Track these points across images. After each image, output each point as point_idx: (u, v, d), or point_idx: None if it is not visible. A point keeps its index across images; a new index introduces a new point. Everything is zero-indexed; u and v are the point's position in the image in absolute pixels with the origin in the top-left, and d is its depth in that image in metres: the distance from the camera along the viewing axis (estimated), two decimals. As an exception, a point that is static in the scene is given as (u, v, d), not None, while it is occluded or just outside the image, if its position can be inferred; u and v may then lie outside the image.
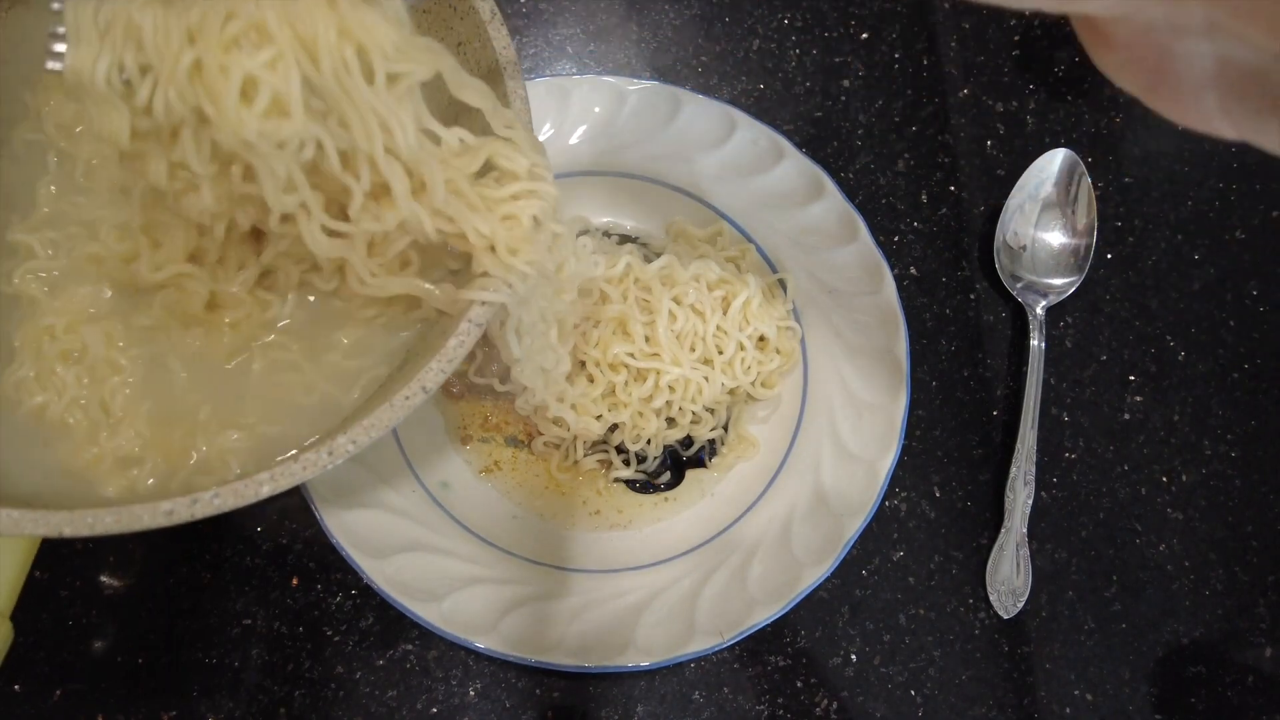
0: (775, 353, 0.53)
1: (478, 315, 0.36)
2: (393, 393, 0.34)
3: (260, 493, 0.31)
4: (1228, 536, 0.54)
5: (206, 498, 0.31)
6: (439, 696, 0.48)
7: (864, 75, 0.63)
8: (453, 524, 0.49)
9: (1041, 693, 0.50)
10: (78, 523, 0.30)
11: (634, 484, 0.52)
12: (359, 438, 0.33)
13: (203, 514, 0.31)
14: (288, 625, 0.49)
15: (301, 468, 0.32)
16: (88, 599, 0.48)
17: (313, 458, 0.32)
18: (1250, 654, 0.52)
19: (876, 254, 0.53)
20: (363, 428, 0.33)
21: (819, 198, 0.54)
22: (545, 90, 0.54)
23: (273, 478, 0.32)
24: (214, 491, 0.31)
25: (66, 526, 0.30)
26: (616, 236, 0.56)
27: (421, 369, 0.34)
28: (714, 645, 0.46)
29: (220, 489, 0.31)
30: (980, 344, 0.57)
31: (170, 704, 0.47)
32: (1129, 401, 0.57)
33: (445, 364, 0.34)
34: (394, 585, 0.45)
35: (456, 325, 0.35)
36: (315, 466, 0.32)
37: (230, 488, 0.31)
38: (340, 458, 0.32)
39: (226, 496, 0.31)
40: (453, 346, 0.35)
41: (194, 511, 0.31)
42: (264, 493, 0.31)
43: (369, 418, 0.33)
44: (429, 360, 0.35)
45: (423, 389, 0.34)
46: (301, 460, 0.32)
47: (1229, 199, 0.62)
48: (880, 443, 0.50)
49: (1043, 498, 0.54)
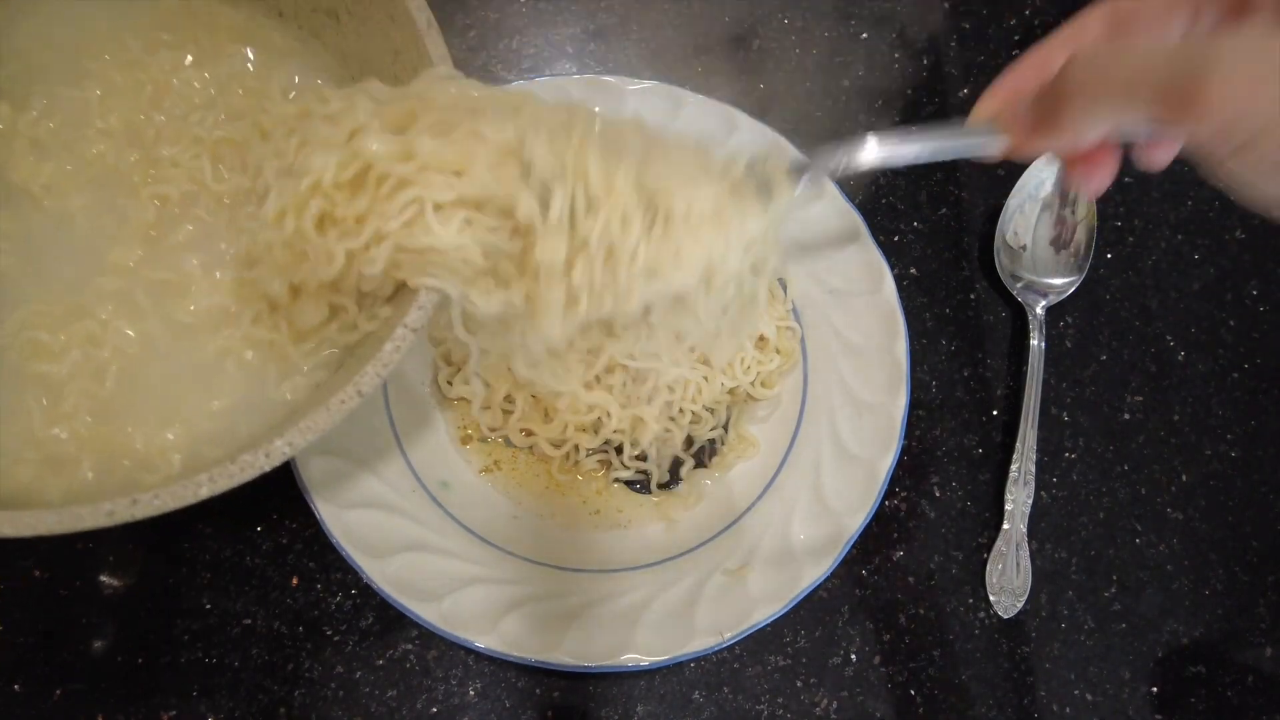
0: (775, 353, 0.53)
1: (413, 319, 0.36)
2: (328, 396, 0.35)
3: (199, 494, 0.32)
4: (1228, 536, 0.54)
5: (147, 499, 0.32)
6: (439, 696, 0.48)
7: (864, 75, 0.63)
8: (453, 524, 0.49)
9: (1041, 693, 0.50)
10: (19, 523, 0.31)
11: (634, 484, 0.52)
12: (295, 439, 0.33)
13: (143, 514, 0.32)
14: (288, 625, 0.49)
15: (239, 469, 0.33)
16: (88, 599, 0.48)
17: (249, 459, 0.33)
18: (1250, 654, 0.52)
19: (876, 254, 0.53)
20: (299, 430, 0.33)
21: (819, 198, 0.54)
22: (545, 90, 0.54)
23: (211, 479, 0.32)
24: (154, 493, 0.32)
25: (7, 527, 0.30)
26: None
27: (358, 373, 0.35)
28: (714, 645, 0.46)
29: (160, 490, 0.32)
30: (980, 344, 0.57)
31: (170, 704, 0.47)
32: (1129, 401, 0.57)
33: (380, 368, 0.35)
34: (394, 585, 0.45)
35: (393, 330, 0.36)
36: (252, 468, 0.33)
37: (170, 490, 0.32)
38: (276, 460, 0.33)
39: (166, 498, 0.32)
40: (388, 351, 0.36)
41: (134, 512, 0.32)
42: (203, 494, 0.32)
43: (305, 420, 0.34)
44: (366, 365, 0.35)
45: (358, 393, 0.35)
46: (239, 462, 0.33)
47: (1229, 199, 0.62)
48: (880, 443, 0.50)
49: (1043, 498, 0.54)
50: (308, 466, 0.46)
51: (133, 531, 0.50)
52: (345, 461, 0.48)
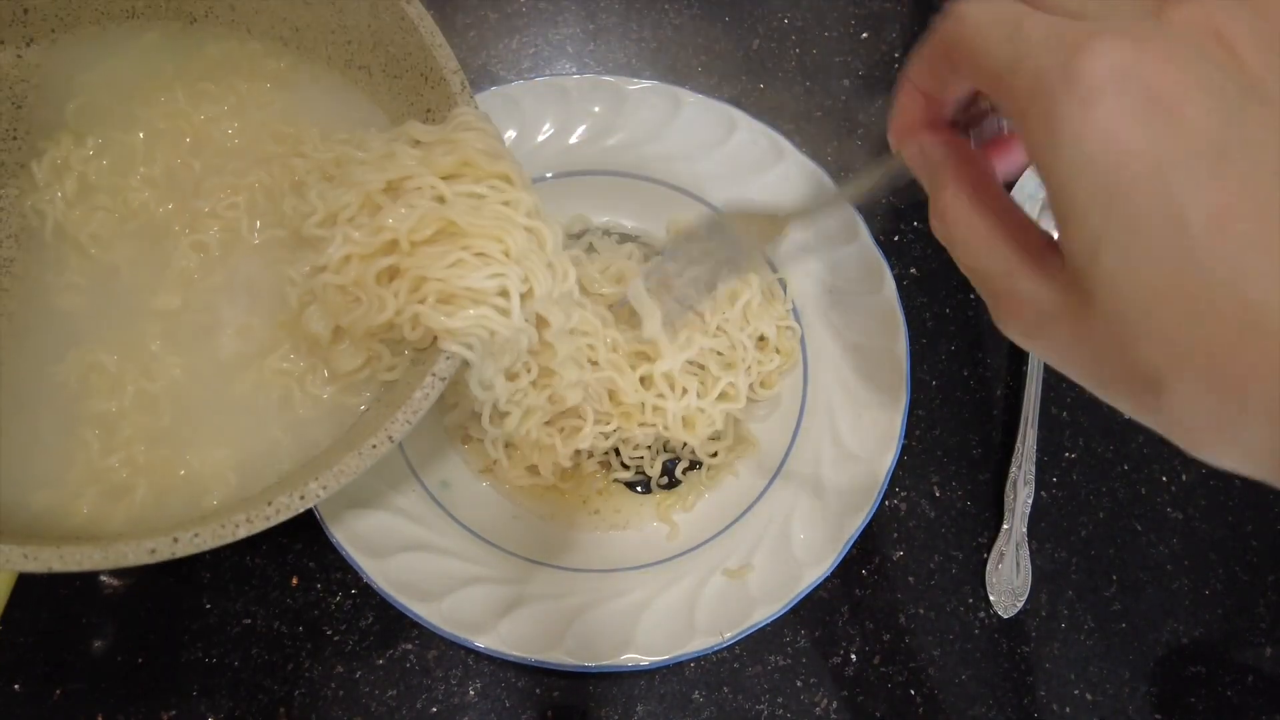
0: (775, 353, 0.53)
1: (442, 369, 0.38)
2: (360, 442, 0.36)
3: (237, 534, 0.33)
4: (1228, 536, 0.54)
5: (187, 537, 0.33)
6: (439, 696, 0.48)
7: (864, 75, 0.63)
8: (453, 523, 0.49)
9: (1041, 692, 0.50)
10: (67, 559, 0.32)
11: (633, 484, 0.52)
12: (329, 483, 0.35)
13: (184, 552, 0.33)
14: (288, 625, 0.49)
15: (275, 510, 0.34)
16: (88, 599, 0.48)
17: (285, 500, 0.34)
18: (1250, 654, 0.52)
19: (876, 254, 0.53)
20: (332, 474, 0.35)
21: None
22: (545, 90, 0.54)
23: (249, 519, 0.33)
24: (194, 531, 0.33)
25: (56, 562, 0.32)
26: (616, 236, 0.57)
27: (388, 419, 0.36)
28: (714, 645, 0.46)
29: (200, 529, 0.33)
30: (980, 344, 0.57)
31: (170, 704, 0.47)
32: (1129, 401, 0.57)
33: (411, 415, 0.36)
34: (394, 584, 0.45)
35: (422, 379, 0.37)
36: (288, 509, 0.34)
37: (209, 528, 0.33)
38: (311, 502, 0.34)
39: (206, 536, 0.33)
40: (418, 398, 0.37)
41: (175, 550, 0.33)
42: (240, 534, 0.33)
43: (339, 464, 0.35)
44: (395, 411, 0.36)
45: (389, 438, 0.36)
46: (275, 504, 0.34)
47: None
48: (880, 442, 0.50)
49: (1043, 497, 0.54)
50: (308, 466, 0.46)
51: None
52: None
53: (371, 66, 0.45)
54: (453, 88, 0.41)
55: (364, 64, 0.45)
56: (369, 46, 0.44)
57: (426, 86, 0.43)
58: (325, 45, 0.45)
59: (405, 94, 0.44)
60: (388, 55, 0.43)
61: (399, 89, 0.44)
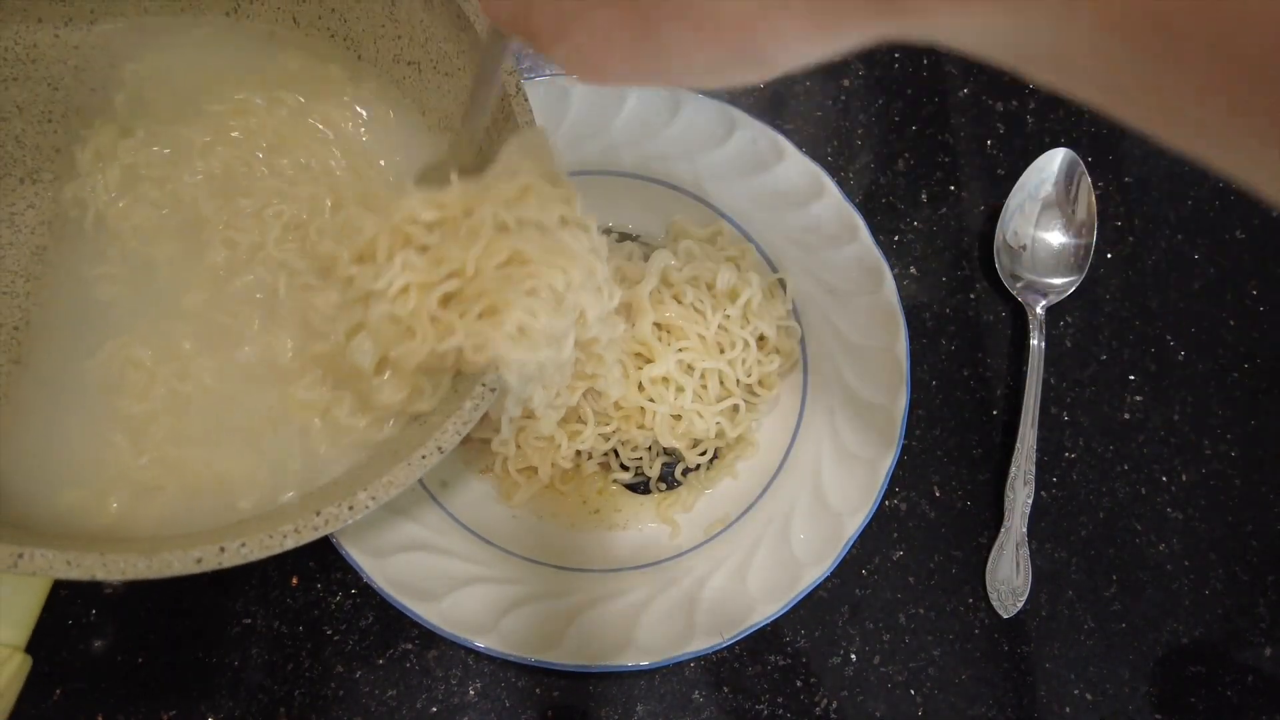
0: (775, 353, 0.53)
1: (491, 380, 0.37)
2: (409, 453, 0.35)
3: (284, 544, 0.33)
4: (1228, 536, 0.54)
5: (234, 546, 0.32)
6: (439, 696, 0.48)
7: (864, 75, 0.63)
8: (452, 523, 0.49)
9: (1041, 692, 0.50)
10: (110, 567, 0.31)
11: (633, 485, 0.52)
12: (379, 494, 0.34)
13: (230, 563, 0.32)
14: (288, 625, 0.49)
15: (324, 520, 0.33)
16: (88, 599, 0.48)
17: (334, 511, 0.34)
18: (1250, 654, 0.52)
19: (876, 254, 0.53)
20: (382, 484, 0.34)
21: (819, 197, 0.54)
22: (545, 90, 0.54)
23: (297, 530, 0.33)
24: (240, 542, 0.32)
25: (99, 570, 0.31)
26: (616, 235, 0.57)
27: (437, 429, 0.36)
28: (714, 645, 0.46)
29: (247, 539, 0.32)
30: (980, 344, 0.57)
31: (170, 704, 0.47)
32: (1129, 401, 0.57)
33: (461, 425, 0.36)
34: (394, 584, 0.45)
35: (471, 388, 0.37)
36: (337, 520, 0.34)
37: (256, 539, 0.33)
38: (360, 512, 0.34)
39: (253, 547, 0.33)
40: (468, 409, 0.36)
41: (222, 560, 0.32)
42: (288, 544, 0.33)
43: (389, 474, 0.35)
44: (445, 421, 0.36)
45: (438, 449, 0.36)
46: (324, 514, 0.33)
47: (1229, 199, 0.62)
48: (880, 442, 0.50)
49: (1042, 497, 0.54)
50: (308, 466, 0.46)
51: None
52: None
53: (421, 63, 0.44)
54: (506, 89, 0.40)
55: (414, 60, 0.44)
56: (420, 42, 0.43)
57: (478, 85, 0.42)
58: (374, 39, 0.44)
59: (455, 93, 0.43)
60: (440, 52, 0.43)
61: (449, 87, 0.43)
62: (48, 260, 0.40)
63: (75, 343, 0.40)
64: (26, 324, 0.40)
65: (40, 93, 0.41)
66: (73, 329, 0.40)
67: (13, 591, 0.43)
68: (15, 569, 0.29)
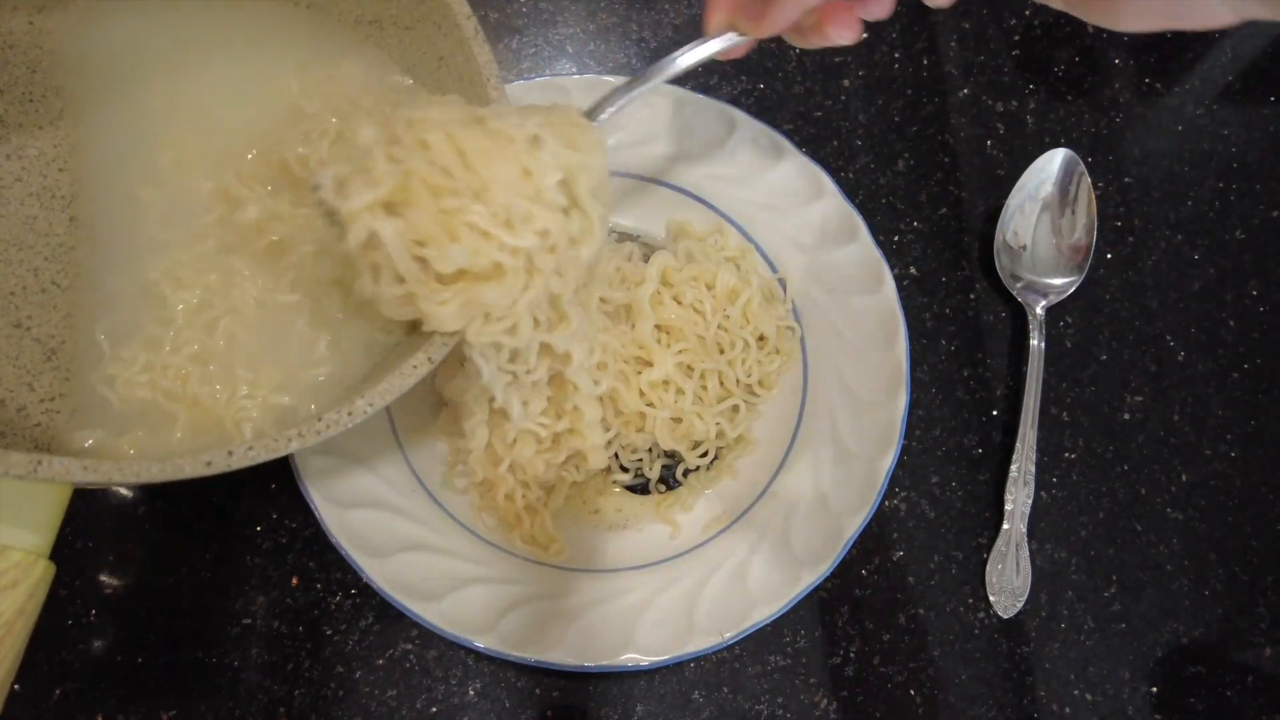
0: (775, 352, 0.53)
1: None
2: (400, 363, 0.37)
3: (290, 446, 0.34)
4: (1228, 536, 0.54)
5: (241, 450, 0.33)
6: (439, 696, 0.48)
7: (864, 75, 0.63)
8: (452, 523, 0.49)
9: (1041, 693, 0.50)
10: (125, 471, 0.32)
11: (634, 487, 0.52)
12: (375, 400, 0.36)
13: (239, 465, 0.33)
14: (288, 625, 0.49)
15: (326, 425, 0.35)
16: (88, 599, 0.48)
17: (335, 416, 0.35)
18: (1250, 654, 0.52)
19: (876, 254, 0.53)
20: (378, 392, 0.36)
21: (819, 198, 0.54)
22: (545, 90, 0.54)
23: (300, 434, 0.34)
24: (247, 445, 0.34)
25: (115, 474, 0.32)
26: (616, 235, 0.57)
27: (426, 341, 0.37)
28: (714, 645, 0.46)
29: (254, 442, 0.34)
30: (980, 344, 0.57)
31: (170, 704, 0.47)
32: (1129, 401, 0.57)
33: (449, 338, 0.37)
34: (394, 584, 0.45)
35: None
36: (337, 424, 0.35)
37: (262, 441, 0.34)
38: (359, 417, 0.35)
39: (259, 450, 0.34)
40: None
41: (230, 463, 0.33)
42: (293, 446, 0.34)
43: (382, 383, 0.36)
44: (434, 336, 0.37)
45: (428, 359, 0.37)
46: (325, 419, 0.35)
47: (1229, 199, 0.62)
48: (880, 442, 0.50)
49: (1043, 498, 0.54)
50: (308, 466, 0.46)
51: (133, 531, 0.50)
52: (345, 461, 0.48)
53: (383, 20, 0.45)
54: (465, 33, 0.41)
55: (375, 18, 0.45)
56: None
57: (440, 35, 0.43)
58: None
59: (417, 44, 0.44)
60: (399, 6, 0.44)
61: (410, 40, 0.44)
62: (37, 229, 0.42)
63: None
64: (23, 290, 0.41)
65: (20, 76, 0.43)
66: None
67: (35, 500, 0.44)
68: (35, 475, 0.30)
